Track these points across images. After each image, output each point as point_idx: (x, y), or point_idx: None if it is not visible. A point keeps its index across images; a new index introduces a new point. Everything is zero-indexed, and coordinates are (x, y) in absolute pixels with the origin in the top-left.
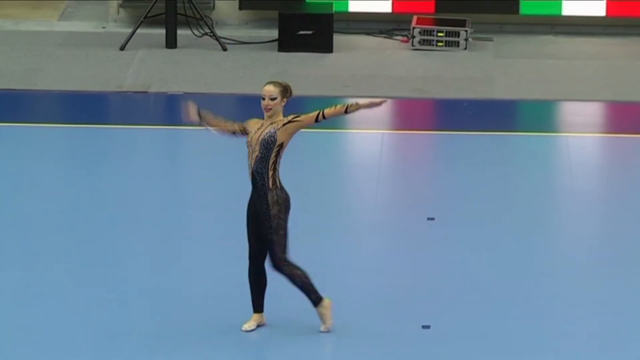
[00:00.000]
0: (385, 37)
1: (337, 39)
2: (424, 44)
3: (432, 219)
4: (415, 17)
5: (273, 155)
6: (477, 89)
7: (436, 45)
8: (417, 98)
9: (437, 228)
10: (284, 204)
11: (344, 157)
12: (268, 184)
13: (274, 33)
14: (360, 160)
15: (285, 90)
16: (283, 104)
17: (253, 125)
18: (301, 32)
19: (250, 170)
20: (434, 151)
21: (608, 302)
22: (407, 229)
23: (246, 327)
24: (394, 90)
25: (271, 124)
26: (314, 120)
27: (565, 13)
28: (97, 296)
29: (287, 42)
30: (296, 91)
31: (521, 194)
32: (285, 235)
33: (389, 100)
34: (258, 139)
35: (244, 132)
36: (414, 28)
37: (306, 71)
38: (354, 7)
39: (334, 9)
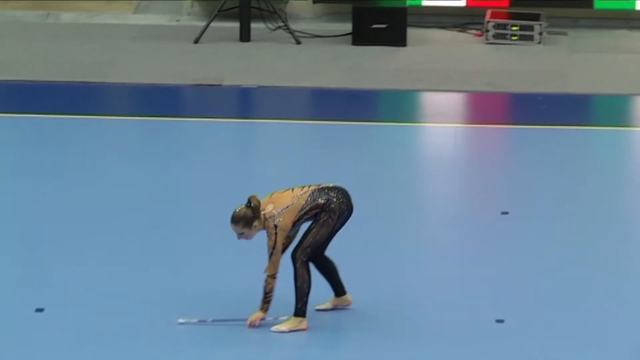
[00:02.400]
0: (458, 31)
1: (411, 32)
2: (497, 38)
3: (506, 213)
4: (489, 11)
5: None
6: (550, 83)
7: (510, 39)
8: (491, 92)
9: (511, 222)
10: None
11: (417, 150)
12: None
13: (347, 27)
14: (433, 153)
15: (247, 219)
16: (256, 224)
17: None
18: (375, 26)
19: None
20: (507, 145)
21: None
22: (481, 223)
23: (321, 307)
24: (467, 84)
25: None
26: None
27: None
28: (176, 291)
29: (361, 36)
30: (370, 85)
31: (596, 188)
32: (323, 235)
33: (463, 94)
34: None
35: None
36: (488, 22)
37: (380, 65)
38: (427, 1)
39: (407, 3)
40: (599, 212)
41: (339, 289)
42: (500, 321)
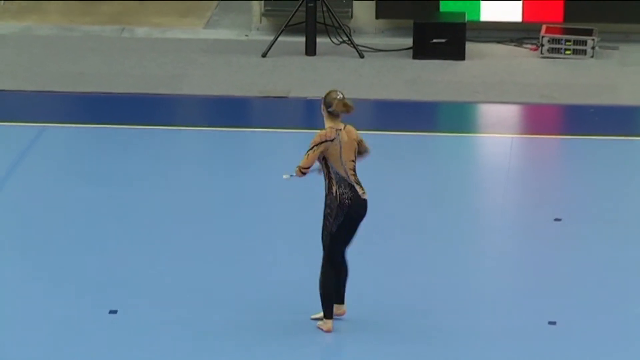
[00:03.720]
0: (515, 46)
1: (469, 47)
2: (552, 52)
3: (559, 219)
4: (544, 26)
5: (324, 165)
6: (602, 96)
7: (564, 53)
8: (545, 104)
9: (564, 228)
10: (336, 209)
11: (475, 160)
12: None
13: (408, 41)
14: (490, 163)
15: (325, 101)
16: (324, 114)
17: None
18: (435, 40)
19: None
20: (560, 154)
21: None
22: (535, 229)
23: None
24: (522, 96)
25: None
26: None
27: None
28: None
29: (421, 50)
30: (429, 97)
31: (623, 196)
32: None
33: (519, 106)
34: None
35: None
36: (543, 37)
37: (439, 77)
38: (485, 16)
39: (466, 19)
40: None
41: (337, 297)
42: (552, 323)
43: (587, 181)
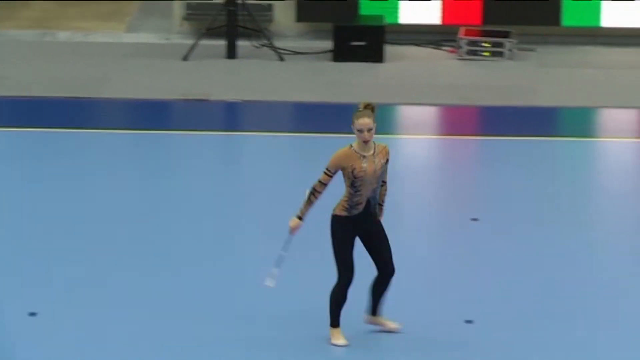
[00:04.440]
0: (433, 48)
1: (388, 49)
2: (470, 54)
3: (476, 219)
4: (462, 29)
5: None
6: (520, 97)
7: (482, 55)
8: (463, 105)
9: (481, 228)
10: None
11: (394, 161)
12: (377, 203)
13: (328, 44)
14: (409, 163)
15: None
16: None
17: (346, 160)
18: (354, 43)
19: (365, 199)
20: (478, 155)
21: None
22: (452, 229)
23: (343, 341)
24: (441, 98)
25: (374, 154)
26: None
27: (605, 24)
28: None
29: (341, 53)
30: (349, 99)
31: (562, 195)
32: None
33: (438, 108)
34: (375, 172)
35: (332, 175)
36: (461, 39)
37: (358, 80)
38: (404, 19)
39: (385, 21)
40: (565, 218)
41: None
42: (469, 322)
43: (504, 181)
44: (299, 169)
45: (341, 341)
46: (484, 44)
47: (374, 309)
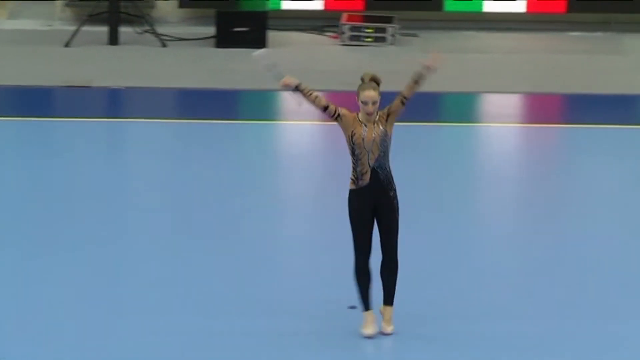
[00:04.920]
0: (316, 34)
1: (271, 35)
2: (353, 40)
3: None
4: (345, 14)
5: (390, 148)
6: (403, 83)
7: (365, 41)
8: (347, 91)
9: None
10: None
11: (277, 147)
12: (391, 175)
13: (211, 30)
14: (293, 149)
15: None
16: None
17: (351, 122)
18: (237, 29)
19: (369, 168)
20: None
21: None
22: (332, 214)
23: (370, 331)
24: (324, 84)
25: (375, 122)
26: (401, 105)
27: (487, 10)
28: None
29: (224, 39)
30: (232, 85)
31: (443, 181)
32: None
33: (320, 93)
34: (373, 141)
35: (335, 116)
36: (343, 25)
37: (241, 66)
38: (287, 5)
39: (268, 7)
40: (446, 204)
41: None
42: (353, 307)
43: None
44: (182, 155)
45: (367, 330)
46: (366, 30)
47: (387, 297)
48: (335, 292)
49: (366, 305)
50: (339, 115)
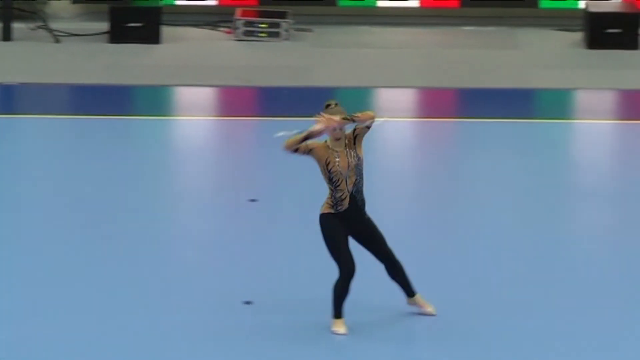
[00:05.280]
0: (210, 29)
1: (165, 31)
2: (247, 35)
3: (255, 200)
4: (239, 10)
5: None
6: (297, 77)
7: (258, 36)
8: (241, 86)
9: (259, 209)
10: None
11: (173, 142)
12: (364, 200)
13: (105, 26)
14: (187, 145)
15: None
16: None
17: (323, 152)
18: (130, 25)
19: (347, 194)
20: (255, 136)
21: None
22: (231, 210)
23: (343, 330)
24: (219, 79)
25: (346, 147)
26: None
27: (381, 5)
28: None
29: (118, 34)
30: (126, 80)
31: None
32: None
33: (215, 89)
34: (349, 166)
35: (306, 152)
36: (237, 20)
37: (136, 61)
38: (180, 0)
39: (161, 2)
40: None
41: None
42: (248, 302)
43: (281, 162)
44: (76, 152)
45: (342, 329)
46: (260, 25)
47: (406, 291)
48: (228, 285)
49: (341, 312)
50: (310, 150)
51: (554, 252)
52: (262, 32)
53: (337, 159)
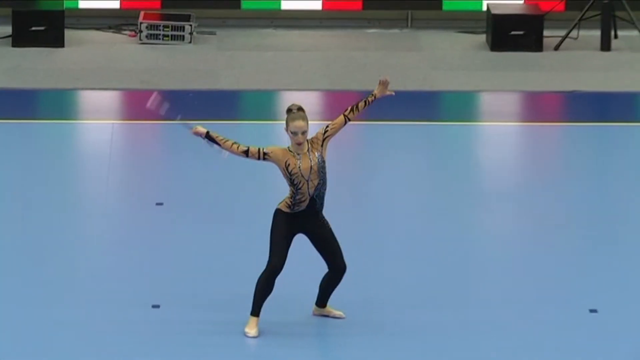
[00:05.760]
0: (114, 32)
1: (69, 34)
2: (151, 38)
3: (161, 204)
4: (142, 13)
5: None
6: (201, 81)
7: (162, 39)
8: (145, 89)
9: (165, 212)
10: None
11: (77, 146)
12: (324, 203)
13: (7, 29)
14: (91, 150)
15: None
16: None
17: (281, 155)
18: (34, 28)
19: (308, 197)
20: (160, 140)
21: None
22: (137, 213)
23: (254, 333)
24: (123, 82)
25: (310, 149)
26: (341, 126)
27: (285, 7)
28: None
29: (21, 38)
30: (30, 84)
31: (246, 179)
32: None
33: (119, 92)
34: (311, 169)
35: (260, 157)
36: (141, 23)
37: (39, 65)
38: (84, 4)
39: (64, 6)
40: (250, 201)
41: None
42: (156, 306)
43: (187, 165)
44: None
45: (253, 331)
46: (164, 28)
47: (322, 301)
48: (135, 289)
49: (258, 310)
50: (264, 154)
51: (459, 253)
52: (166, 36)
53: (299, 162)
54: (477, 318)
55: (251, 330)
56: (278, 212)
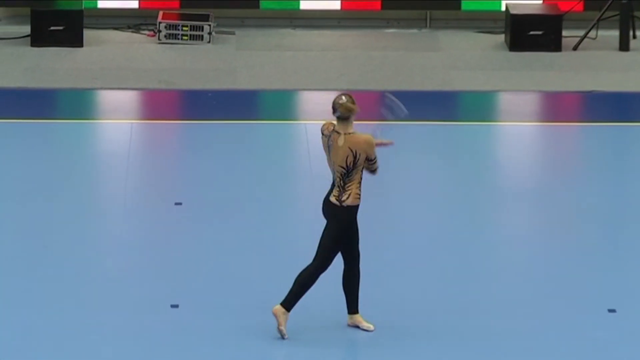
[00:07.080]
0: (132, 32)
1: (87, 34)
2: (169, 38)
3: (180, 203)
4: (161, 12)
5: None
6: (220, 80)
7: (181, 39)
8: (164, 89)
9: (184, 212)
10: None
11: (96, 146)
12: None
13: (26, 29)
14: (110, 149)
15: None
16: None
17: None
18: (52, 28)
19: None
20: (179, 140)
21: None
22: (157, 213)
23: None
24: (141, 82)
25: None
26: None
27: (303, 7)
28: None
29: (39, 38)
30: (49, 84)
31: (265, 179)
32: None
33: (138, 92)
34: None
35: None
36: (159, 23)
37: (58, 65)
38: (102, 3)
39: (83, 5)
40: (272, 201)
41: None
42: (175, 306)
43: (206, 165)
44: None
45: (285, 328)
46: (183, 28)
47: (352, 305)
48: (154, 289)
49: (293, 306)
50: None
51: (478, 254)
52: (184, 35)
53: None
54: (495, 321)
55: (284, 326)
56: (354, 210)
